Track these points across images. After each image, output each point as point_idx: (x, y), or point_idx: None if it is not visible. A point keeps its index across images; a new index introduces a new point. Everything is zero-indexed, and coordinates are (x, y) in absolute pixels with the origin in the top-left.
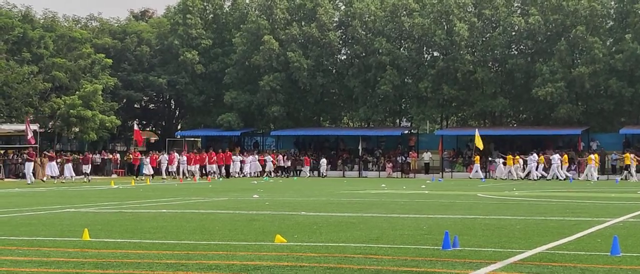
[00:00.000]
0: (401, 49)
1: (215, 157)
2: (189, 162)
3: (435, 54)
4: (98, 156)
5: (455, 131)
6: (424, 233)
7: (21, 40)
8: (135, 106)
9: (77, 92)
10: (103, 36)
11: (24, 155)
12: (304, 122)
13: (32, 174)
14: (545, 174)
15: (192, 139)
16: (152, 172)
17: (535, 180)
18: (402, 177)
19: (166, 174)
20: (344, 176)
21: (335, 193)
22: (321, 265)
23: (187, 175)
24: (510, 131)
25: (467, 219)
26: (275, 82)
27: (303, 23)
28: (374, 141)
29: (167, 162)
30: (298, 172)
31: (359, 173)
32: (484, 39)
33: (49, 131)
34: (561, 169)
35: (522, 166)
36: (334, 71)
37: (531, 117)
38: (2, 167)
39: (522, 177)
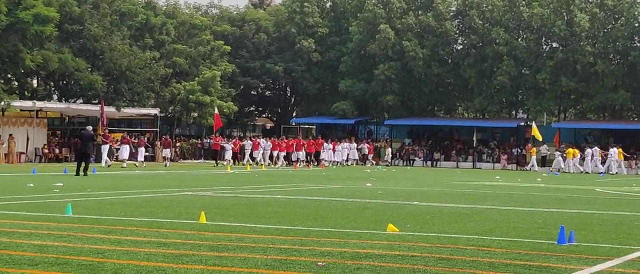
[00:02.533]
0: (519, 40)
1: (304, 144)
2: (273, 149)
3: (554, 45)
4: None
5: (573, 123)
6: (538, 227)
7: (144, 26)
8: (252, 92)
9: (196, 78)
10: (222, 23)
11: (100, 137)
12: (418, 111)
13: (108, 158)
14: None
15: (307, 126)
16: (230, 157)
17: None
18: (517, 169)
19: (250, 161)
20: (457, 167)
21: (448, 184)
22: (433, 255)
23: (264, 161)
24: (631, 125)
25: (583, 214)
26: (390, 71)
27: (419, 12)
28: (489, 132)
29: (251, 148)
30: (411, 161)
31: (473, 164)
32: (605, 30)
33: (169, 115)
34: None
35: (580, 160)
36: (449, 60)
37: None
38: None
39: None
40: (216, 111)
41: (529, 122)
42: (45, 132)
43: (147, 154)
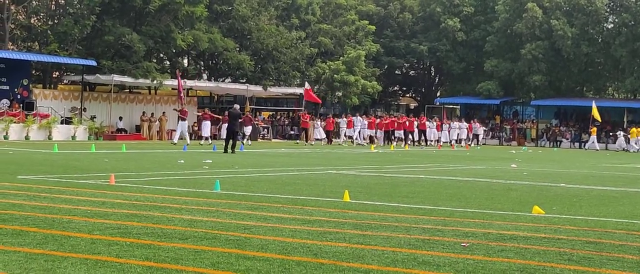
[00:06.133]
0: None
1: (405, 122)
2: (370, 127)
3: None
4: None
5: None
6: None
7: (290, 6)
8: (396, 72)
9: (341, 58)
10: (367, 3)
11: (178, 114)
12: (565, 92)
13: (187, 135)
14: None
15: (451, 106)
16: (323, 136)
17: None
18: None
19: (345, 139)
20: (606, 149)
21: (597, 166)
22: (580, 239)
23: (359, 141)
24: None
25: None
26: (538, 51)
27: None
28: None
29: (345, 126)
30: (558, 143)
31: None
32: None
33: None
34: None
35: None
36: (599, 39)
37: None
38: (270, 128)
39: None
40: (307, 86)
41: None
42: (195, 110)
43: (292, 132)
